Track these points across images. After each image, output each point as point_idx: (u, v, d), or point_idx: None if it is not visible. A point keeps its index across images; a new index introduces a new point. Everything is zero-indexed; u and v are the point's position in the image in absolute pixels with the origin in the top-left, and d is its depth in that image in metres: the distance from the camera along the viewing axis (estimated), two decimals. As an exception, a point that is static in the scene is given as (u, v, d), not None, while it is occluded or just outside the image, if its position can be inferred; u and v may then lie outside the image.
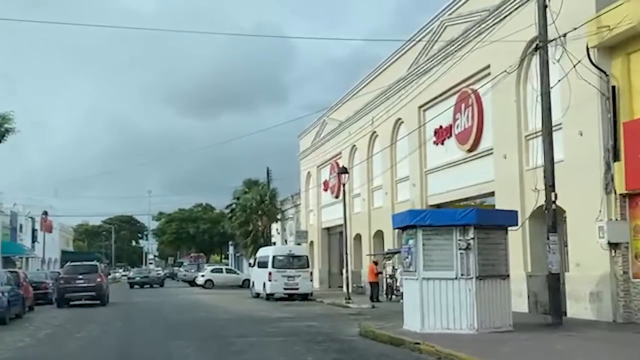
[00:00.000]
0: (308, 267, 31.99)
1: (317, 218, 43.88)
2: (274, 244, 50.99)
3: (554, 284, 15.35)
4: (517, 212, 15.94)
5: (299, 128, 48.21)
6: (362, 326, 15.84)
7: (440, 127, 25.21)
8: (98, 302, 29.26)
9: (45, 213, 47.60)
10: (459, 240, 13.95)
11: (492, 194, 21.30)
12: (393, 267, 27.87)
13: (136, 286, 55.68)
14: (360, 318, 20.59)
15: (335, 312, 23.62)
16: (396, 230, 29.89)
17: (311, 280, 32.16)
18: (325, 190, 42.11)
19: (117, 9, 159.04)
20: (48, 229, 68.71)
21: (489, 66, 21.42)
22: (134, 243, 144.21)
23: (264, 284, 31.74)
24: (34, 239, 55.23)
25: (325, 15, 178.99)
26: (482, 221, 14.10)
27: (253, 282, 35.17)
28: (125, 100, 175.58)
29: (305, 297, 31.38)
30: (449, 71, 23.52)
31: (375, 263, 28.24)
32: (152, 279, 58.22)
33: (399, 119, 29.32)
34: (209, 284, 49.52)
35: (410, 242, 14.57)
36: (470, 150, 23.12)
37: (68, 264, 30.64)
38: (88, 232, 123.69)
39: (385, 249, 30.28)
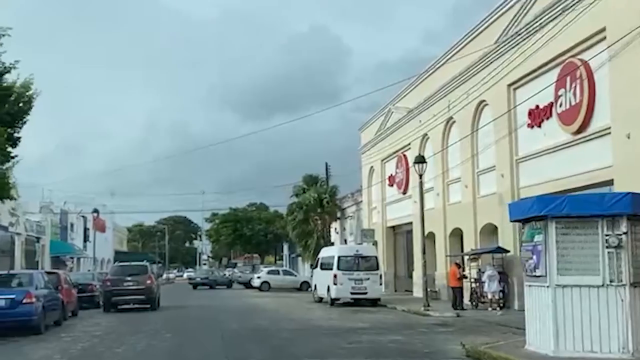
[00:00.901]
0: (377, 269, 28.73)
1: (381, 216, 40.57)
2: (332, 244, 48.03)
3: None
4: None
5: (352, 126, 45.30)
6: (470, 345, 12.51)
7: (537, 107, 21.63)
8: (148, 306, 26.62)
9: (96, 211, 45.42)
10: (607, 235, 10.53)
11: (609, 182, 17.65)
12: (479, 269, 24.37)
13: (201, 287, 54.39)
14: (450, 330, 17.35)
15: (415, 322, 20.32)
16: (478, 229, 26.58)
17: (381, 284, 28.87)
18: (391, 185, 38.78)
19: (175, 15, 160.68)
20: (101, 228, 67.11)
21: (603, 29, 17.83)
22: (187, 244, 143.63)
23: (328, 287, 28.63)
24: (85, 239, 53.38)
25: (376, 17, 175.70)
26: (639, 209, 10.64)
27: (315, 285, 32.09)
28: (182, 103, 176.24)
29: (374, 302, 28.16)
30: (548, 41, 20.00)
31: (458, 265, 24.73)
32: (213, 280, 56.13)
33: (483, 101, 25.82)
34: (265, 287, 46.74)
35: (537, 238, 11.18)
36: (577, 132, 19.47)
37: (115, 264, 27.98)
38: (142, 232, 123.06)
39: (467, 249, 26.81)
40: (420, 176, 25.17)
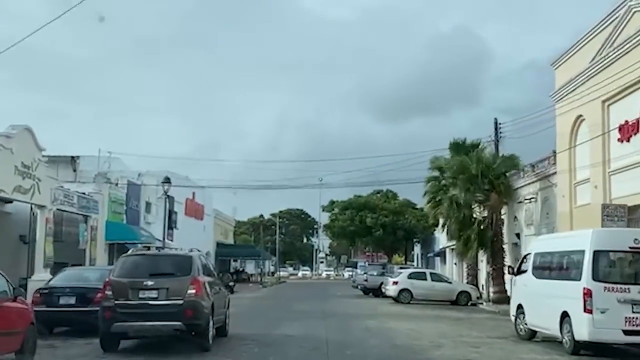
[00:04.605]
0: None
1: (601, 192, 24.85)
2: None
3: None
4: None
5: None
6: None
7: None
8: (193, 338, 12.84)
9: (168, 180, 31.44)
10: None
11: None
12: None
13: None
14: None
15: None
16: None
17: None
18: (625, 140, 23.12)
19: (316, 18, 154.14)
20: (196, 213, 55.16)
21: None
22: (305, 240, 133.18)
23: (565, 315, 13.69)
24: (170, 225, 40.87)
25: (523, 15, 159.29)
26: None
27: (520, 306, 17.03)
28: (317, 105, 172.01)
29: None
30: None
31: None
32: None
33: None
34: (405, 297, 32.26)
35: None
36: None
37: (127, 254, 13.73)
38: (255, 225, 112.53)
39: None
40: None
